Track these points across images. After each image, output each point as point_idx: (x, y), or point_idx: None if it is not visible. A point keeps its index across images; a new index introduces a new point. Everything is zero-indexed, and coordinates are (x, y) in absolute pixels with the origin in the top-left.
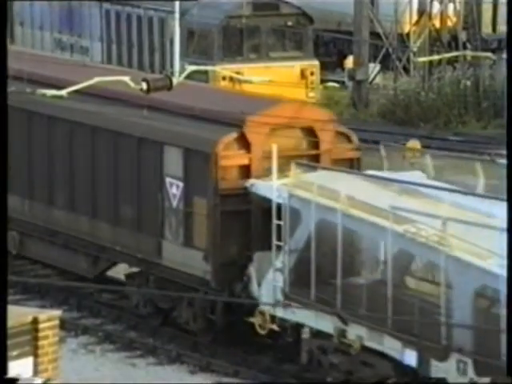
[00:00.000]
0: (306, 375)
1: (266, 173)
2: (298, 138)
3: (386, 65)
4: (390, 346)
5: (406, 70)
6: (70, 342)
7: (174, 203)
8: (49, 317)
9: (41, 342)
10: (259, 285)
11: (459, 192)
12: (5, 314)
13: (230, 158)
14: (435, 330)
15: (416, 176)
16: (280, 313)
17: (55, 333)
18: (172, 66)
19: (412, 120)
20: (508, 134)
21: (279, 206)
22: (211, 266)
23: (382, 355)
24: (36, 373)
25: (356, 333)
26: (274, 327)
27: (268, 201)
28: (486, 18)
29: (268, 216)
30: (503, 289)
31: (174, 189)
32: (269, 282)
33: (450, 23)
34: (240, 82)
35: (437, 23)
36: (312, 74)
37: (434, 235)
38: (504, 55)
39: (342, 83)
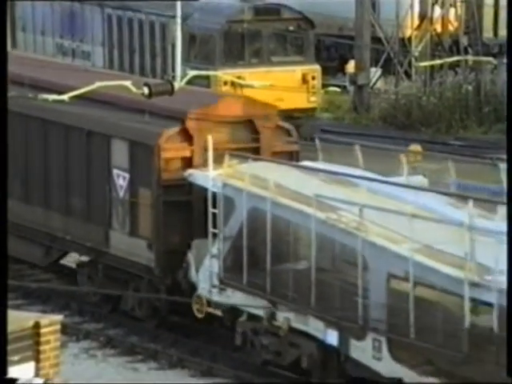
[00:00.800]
0: None
1: (207, 164)
2: (238, 131)
3: (387, 69)
4: (314, 326)
5: (408, 74)
6: (72, 346)
7: (121, 194)
8: (50, 321)
9: (42, 347)
10: (197, 271)
11: (377, 181)
12: (5, 315)
13: (172, 150)
14: (354, 310)
15: (417, 181)
16: (216, 297)
17: (57, 337)
18: (173, 70)
19: (413, 124)
20: (508, 138)
21: (215, 195)
22: (154, 254)
23: (308, 336)
24: (37, 377)
25: (284, 315)
26: (211, 311)
27: (206, 190)
28: (487, 22)
29: (206, 205)
30: (413, 271)
31: (121, 180)
32: (205, 268)
33: (451, 28)
34: (241, 86)
35: (438, 28)
36: (313, 78)
37: (352, 221)
38: (505, 60)
39: (344, 88)
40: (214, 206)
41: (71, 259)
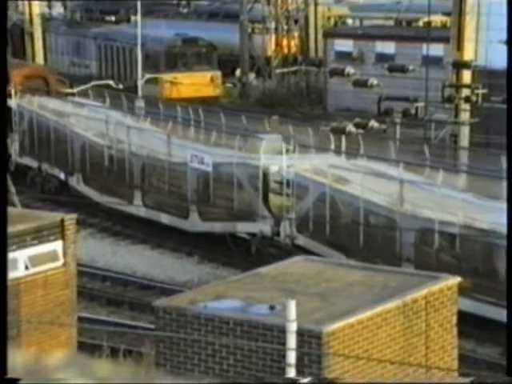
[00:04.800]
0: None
1: (17, 97)
2: (39, 81)
3: (259, 74)
4: (56, 171)
5: (270, 76)
6: (82, 232)
7: None
8: (70, 218)
9: (66, 232)
10: (10, 147)
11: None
12: (5, 316)
13: None
14: (70, 162)
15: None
16: (18, 160)
17: (74, 227)
18: (136, 75)
19: (274, 105)
20: (508, 138)
21: (15, 111)
22: None
23: (54, 176)
24: (64, 249)
25: (45, 167)
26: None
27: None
28: (312, 47)
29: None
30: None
31: None
32: (13, 146)
33: (293, 50)
34: (176, 83)
35: (285, 50)
36: (217, 79)
37: (70, 123)
38: (323, 68)
39: (234, 84)
40: (15, 116)
41: None
